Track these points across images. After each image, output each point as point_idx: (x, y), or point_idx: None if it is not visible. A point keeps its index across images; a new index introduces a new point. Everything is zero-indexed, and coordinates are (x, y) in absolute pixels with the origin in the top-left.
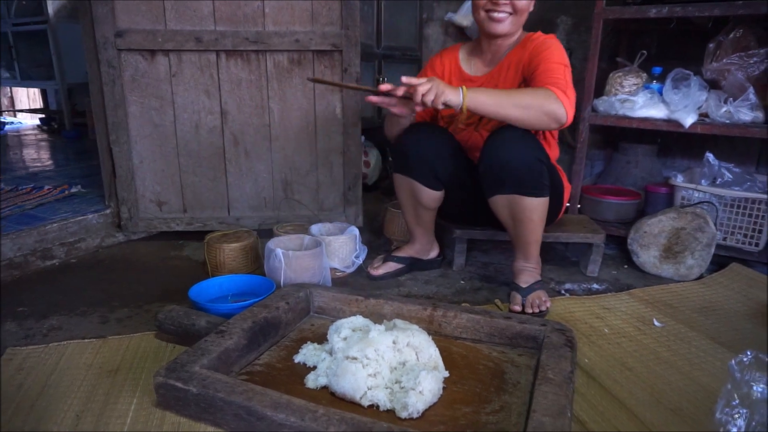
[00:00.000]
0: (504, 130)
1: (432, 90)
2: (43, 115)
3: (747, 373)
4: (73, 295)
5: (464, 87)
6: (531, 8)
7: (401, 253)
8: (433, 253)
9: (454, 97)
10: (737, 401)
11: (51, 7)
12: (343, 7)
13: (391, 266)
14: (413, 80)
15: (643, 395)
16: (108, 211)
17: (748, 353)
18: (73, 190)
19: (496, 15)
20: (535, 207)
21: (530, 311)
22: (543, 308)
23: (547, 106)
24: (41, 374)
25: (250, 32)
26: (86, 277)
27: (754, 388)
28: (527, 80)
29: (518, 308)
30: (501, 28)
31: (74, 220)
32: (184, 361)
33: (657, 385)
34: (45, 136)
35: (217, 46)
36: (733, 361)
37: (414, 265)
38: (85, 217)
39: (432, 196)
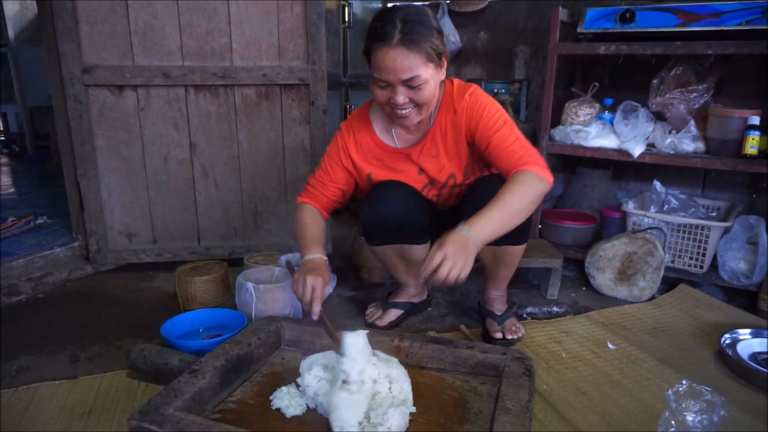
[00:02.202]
0: (492, 180)
1: (454, 265)
2: (3, 138)
3: (682, 401)
4: (42, 333)
5: (470, 228)
6: (442, 76)
7: (399, 299)
8: (424, 295)
9: (473, 249)
10: (674, 428)
11: (12, 30)
12: (309, 43)
13: (393, 314)
14: (429, 266)
15: (595, 419)
16: (76, 243)
17: (684, 383)
18: (39, 221)
19: (399, 112)
20: (519, 251)
21: (510, 337)
22: (520, 334)
23: (539, 193)
24: (12, 420)
25: (217, 67)
26: (54, 313)
27: (688, 417)
28: (482, 153)
29: (500, 335)
30: (410, 122)
31: (41, 255)
32: (157, 403)
33: (608, 408)
34: (6, 159)
35: (186, 81)
36: (670, 391)
37: (411, 309)
38: (52, 251)
39: (425, 249)
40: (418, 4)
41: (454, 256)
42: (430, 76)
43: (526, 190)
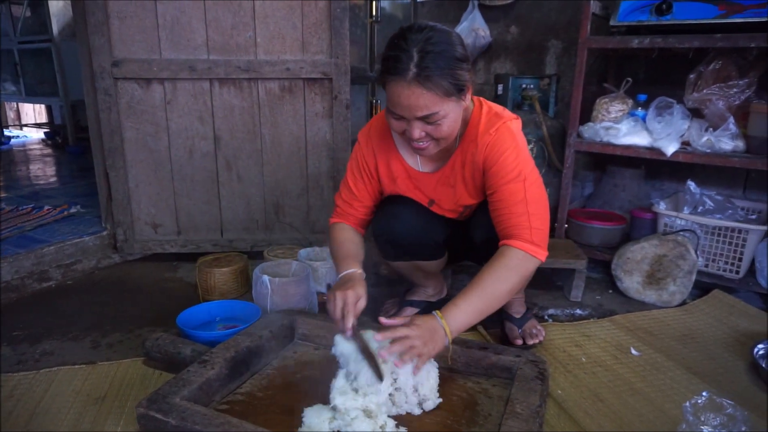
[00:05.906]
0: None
1: (414, 347)
2: (48, 130)
3: (701, 414)
4: (68, 319)
5: (444, 319)
6: (465, 104)
7: (416, 297)
8: (443, 293)
9: (441, 343)
10: None
11: (55, 26)
12: (333, 37)
13: (408, 312)
14: (391, 335)
15: (611, 427)
16: (105, 233)
17: (704, 394)
18: (72, 210)
19: (416, 144)
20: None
21: (531, 342)
22: (541, 338)
23: (525, 274)
24: (31, 401)
25: (242, 61)
26: (81, 299)
27: (705, 431)
28: (487, 197)
29: (520, 341)
30: (427, 153)
31: (71, 243)
32: (165, 392)
33: (626, 417)
34: (50, 150)
35: (211, 74)
36: (687, 403)
37: (428, 308)
38: (82, 239)
39: (442, 262)
40: (441, 27)
41: (418, 339)
42: (450, 110)
43: (511, 275)
